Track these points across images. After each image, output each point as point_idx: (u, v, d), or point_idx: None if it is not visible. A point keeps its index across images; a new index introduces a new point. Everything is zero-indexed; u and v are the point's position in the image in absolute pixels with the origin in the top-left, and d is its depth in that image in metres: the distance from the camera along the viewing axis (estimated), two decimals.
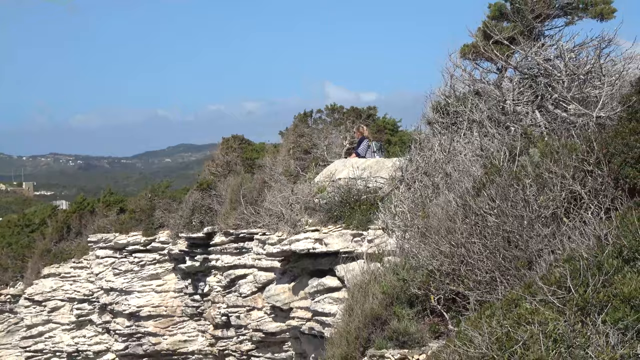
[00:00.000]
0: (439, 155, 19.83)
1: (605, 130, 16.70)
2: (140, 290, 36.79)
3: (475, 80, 20.95)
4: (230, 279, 31.35)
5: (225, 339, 32.43)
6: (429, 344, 15.13)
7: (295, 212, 26.09)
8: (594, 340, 11.03)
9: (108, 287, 37.78)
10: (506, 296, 13.24)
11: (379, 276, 18.07)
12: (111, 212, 41.60)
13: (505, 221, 15.34)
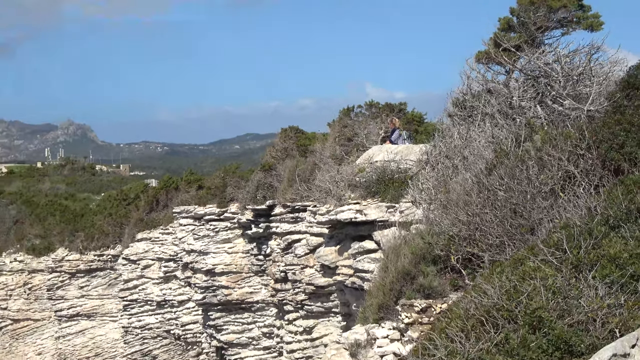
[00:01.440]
0: (457, 141, 19.77)
1: (594, 121, 16.62)
2: (215, 252, 36.90)
3: (487, 80, 20.88)
4: (287, 243, 31.38)
5: (283, 291, 32.47)
6: (449, 295, 15.12)
7: (340, 188, 26.09)
8: (586, 292, 10.97)
9: (189, 249, 37.93)
10: (513, 256, 13.20)
11: (408, 240, 18.03)
12: (191, 188, 41.80)
13: (512, 195, 15.31)
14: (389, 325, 16.52)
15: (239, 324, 37.19)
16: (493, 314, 11.08)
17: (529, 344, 10.26)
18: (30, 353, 45.35)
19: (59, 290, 44.20)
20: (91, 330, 43.84)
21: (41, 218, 46.62)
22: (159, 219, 42.03)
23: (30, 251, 45.13)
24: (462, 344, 10.79)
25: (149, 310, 41.64)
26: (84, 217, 45.81)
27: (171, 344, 41.72)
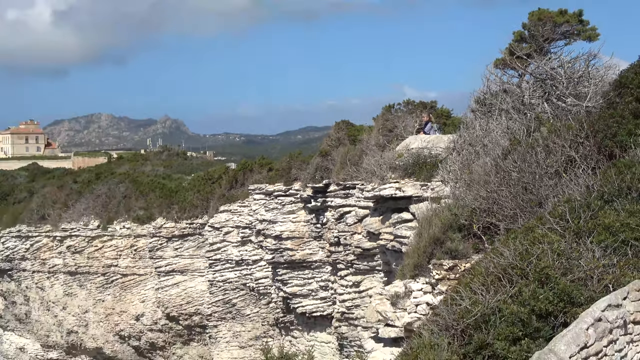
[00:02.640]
0: (479, 132, 19.60)
1: (591, 115, 16.47)
2: (281, 221, 36.96)
3: (503, 82, 20.69)
4: (340, 214, 31.32)
5: (336, 253, 32.46)
6: (472, 257, 15.00)
7: (383, 170, 26.01)
8: (585, 254, 10.90)
9: (261, 218, 37.99)
10: (524, 225, 13.11)
11: (438, 212, 17.91)
12: (263, 170, 41.86)
13: (523, 176, 15.22)
14: (423, 281, 16.49)
15: (301, 279, 37.27)
16: (508, 272, 11.01)
17: (538, 296, 10.18)
18: (135, 301, 45.87)
19: (158, 251, 44.66)
20: (183, 283, 44.27)
21: (144, 194, 47.13)
22: (237, 195, 42.16)
23: (135, 220, 45.66)
24: (483, 295, 10.73)
25: (229, 268, 41.89)
26: (177, 193, 46.19)
27: (247, 294, 41.96)
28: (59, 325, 48.64)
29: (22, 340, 51.98)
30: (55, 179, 55.41)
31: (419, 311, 16.22)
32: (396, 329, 17.08)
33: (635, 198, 12.28)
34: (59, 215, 48.58)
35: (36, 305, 49.92)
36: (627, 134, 14.51)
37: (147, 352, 46.18)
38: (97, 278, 46.78)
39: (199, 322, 43.91)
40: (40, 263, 48.97)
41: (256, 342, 42.26)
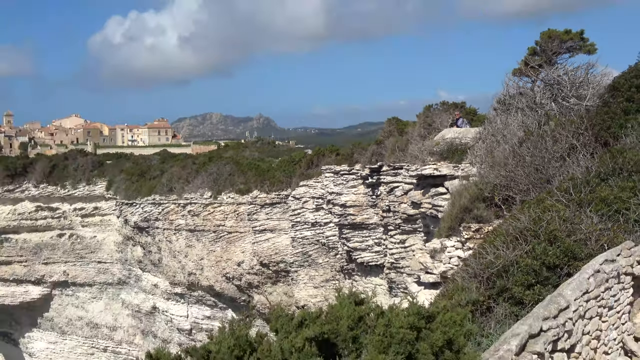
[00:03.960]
0: (499, 125, 19.14)
1: (590, 112, 16.02)
2: (346, 193, 36.81)
3: (519, 87, 20.23)
4: (390, 188, 31.00)
5: (387, 217, 32.23)
6: (493, 221, 14.74)
7: (424, 155, 25.74)
8: (585, 220, 10.60)
9: (330, 191, 37.86)
10: (536, 197, 12.84)
11: (467, 187, 17.63)
12: (332, 155, 41.69)
13: (535, 159, 14.94)
14: (455, 239, 16.26)
15: (360, 237, 37.15)
16: (524, 233, 10.72)
17: (548, 252, 9.89)
18: (237, 251, 46.28)
19: (254, 215, 44.97)
20: (272, 239, 44.53)
21: (244, 172, 47.48)
22: (312, 173, 42.13)
23: (237, 192, 46.03)
24: (503, 251, 10.45)
25: (306, 228, 41.97)
26: (268, 172, 46.39)
27: (319, 248, 42.02)
28: (182, 268, 49.52)
29: (156, 279, 53.14)
30: (179, 161, 56.19)
31: (451, 263, 16.02)
32: (434, 276, 16.89)
33: (625, 177, 12.17)
34: (182, 187, 49.40)
35: (166, 254, 50.89)
36: (619, 127, 14.44)
37: (246, 289, 46.72)
38: (210, 234, 47.41)
39: (284, 268, 44.22)
40: (168, 223, 49.87)
41: (326, 283, 42.42)
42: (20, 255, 58.73)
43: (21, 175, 60.14)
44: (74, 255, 58.05)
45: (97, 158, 63.92)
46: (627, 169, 12.20)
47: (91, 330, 59.16)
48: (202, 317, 50.76)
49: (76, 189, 58.33)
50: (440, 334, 6.38)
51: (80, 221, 58.58)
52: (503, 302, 9.67)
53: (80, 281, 58.32)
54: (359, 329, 6.50)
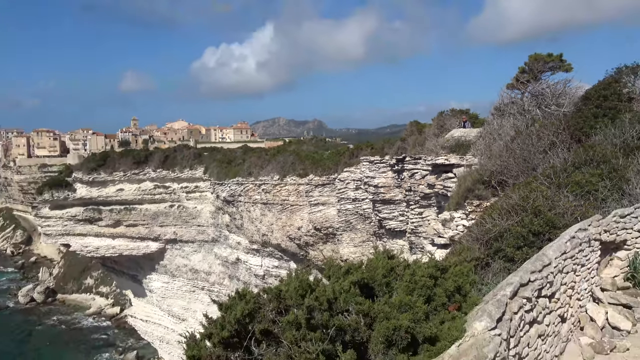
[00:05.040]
0: (495, 126, 18.59)
1: (566, 116, 15.37)
2: (377, 177, 36.37)
3: (511, 97, 19.58)
4: (412, 173, 30.52)
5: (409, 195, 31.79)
6: (490, 199, 14.31)
7: (437, 149, 25.21)
8: (563, 199, 10.18)
9: (366, 175, 37.52)
10: (525, 181, 12.37)
11: (470, 173, 17.18)
12: (367, 148, 41.21)
13: (523, 152, 14.36)
14: (461, 212, 15.91)
15: (389, 209, 36.79)
16: (515, 208, 10.40)
17: (533, 222, 9.59)
18: (297, 219, 46.43)
19: (310, 193, 44.98)
20: (323, 210, 44.46)
21: (302, 161, 47.43)
22: (353, 162, 41.77)
23: (298, 175, 46.06)
24: (499, 221, 10.17)
25: (348, 202, 41.78)
26: (321, 161, 46.24)
27: (358, 217, 41.79)
28: (258, 231, 50.00)
29: (239, 238, 53.79)
30: (256, 153, 56.55)
31: (458, 229, 15.72)
32: (444, 239, 16.61)
33: (595, 166, 11.74)
34: (258, 172, 49.71)
35: (246, 220, 51.46)
36: (590, 128, 13.92)
37: (303, 247, 46.94)
38: (277, 206, 47.69)
39: (332, 232, 44.20)
40: (248, 198, 50.34)
41: (363, 244, 42.25)
42: (143, 220, 60.21)
43: (143, 162, 61.50)
44: (180, 221, 59.24)
45: (197, 151, 64.88)
46: (596, 159, 11.73)
47: (192, 274, 60.41)
48: (272, 266, 51.35)
49: (182, 173, 59.38)
50: (452, 282, 6.27)
51: (185, 196, 59.64)
52: (498, 259, 9.47)
53: (185, 239, 59.51)
54: (391, 277, 6.43)
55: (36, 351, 72.17)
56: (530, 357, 6.28)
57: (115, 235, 60.60)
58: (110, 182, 61.03)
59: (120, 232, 60.59)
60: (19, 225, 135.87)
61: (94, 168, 61.18)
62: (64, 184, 61.12)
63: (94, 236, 60.81)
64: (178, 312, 62.46)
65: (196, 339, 6.39)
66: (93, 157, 65.97)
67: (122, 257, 61.65)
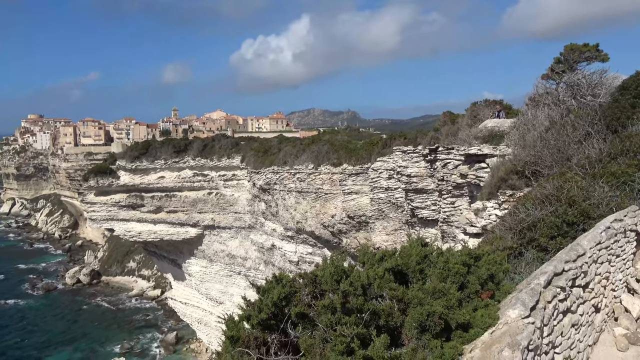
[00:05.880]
0: (530, 117, 18.16)
1: (602, 107, 14.87)
2: (410, 167, 36.12)
3: (546, 87, 19.02)
4: (444, 163, 30.15)
5: (441, 185, 31.52)
6: (524, 189, 14.04)
7: (470, 139, 24.78)
8: (598, 189, 9.92)
9: (399, 165, 37.26)
10: (559, 171, 12.07)
11: (504, 163, 16.88)
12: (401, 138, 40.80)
13: (557, 142, 13.98)
14: (493, 201, 15.67)
15: (421, 198, 36.48)
16: (549, 198, 10.20)
17: (568, 212, 9.39)
18: (331, 207, 46.55)
19: (344, 182, 44.95)
20: (357, 199, 44.40)
21: (336, 150, 47.33)
22: (386, 151, 41.42)
23: (332, 164, 46.01)
24: (532, 211, 9.99)
25: (381, 191, 41.59)
26: (354, 150, 46.04)
27: (391, 206, 41.58)
28: (292, 218, 50.35)
29: (274, 225, 54.25)
30: (291, 142, 56.79)
31: (490, 219, 15.49)
32: (477, 228, 16.39)
33: (631, 156, 11.41)
34: (293, 161, 49.87)
35: (281, 208, 51.84)
36: (627, 118, 13.43)
37: (337, 234, 47.06)
38: (312, 194, 47.86)
39: (365, 220, 44.14)
40: (283, 186, 50.65)
41: (395, 232, 42.08)
42: (183, 206, 61.34)
43: (183, 151, 62.49)
44: (218, 207, 60.12)
45: (235, 140, 65.57)
46: (633, 150, 11.38)
47: (230, 259, 61.36)
48: (306, 253, 51.69)
49: (220, 161, 60.14)
50: (485, 270, 6.23)
51: (223, 184, 60.43)
52: (531, 249, 9.32)
53: (222, 225, 60.39)
54: (424, 264, 6.44)
55: (84, 330, 74.91)
56: (564, 346, 6.21)
57: (156, 220, 62.01)
58: (152, 170, 62.37)
59: (161, 218, 61.93)
60: (66, 210, 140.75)
61: (136, 156, 62.61)
62: (108, 171, 62.80)
63: (136, 221, 62.38)
64: (216, 295, 63.68)
65: (235, 320, 6.56)
66: (135, 146, 67.48)
67: (163, 242, 63.09)
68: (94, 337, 72.43)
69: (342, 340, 5.28)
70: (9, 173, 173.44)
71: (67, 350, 68.30)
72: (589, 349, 7.25)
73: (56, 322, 77.85)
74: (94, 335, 73.07)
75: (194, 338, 70.53)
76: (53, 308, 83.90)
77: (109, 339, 71.71)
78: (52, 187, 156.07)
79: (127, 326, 76.27)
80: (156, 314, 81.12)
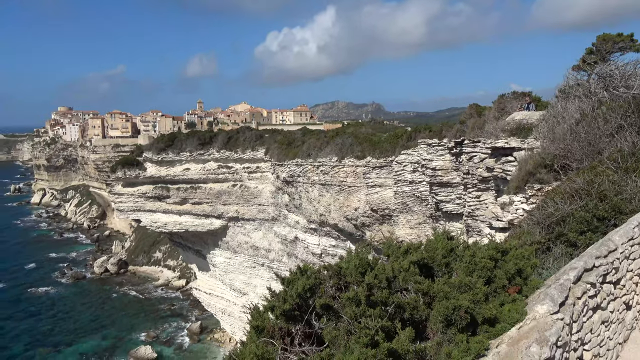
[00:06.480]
0: (559, 109, 17.74)
1: (636, 99, 14.41)
2: (435, 160, 35.75)
3: (577, 79, 18.53)
4: (470, 156, 29.70)
5: (467, 178, 31.10)
6: (552, 183, 13.73)
7: (497, 132, 24.37)
8: (630, 184, 9.63)
9: (423, 158, 36.93)
10: (589, 165, 11.76)
11: (532, 156, 16.55)
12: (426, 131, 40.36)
13: (589, 136, 13.60)
14: (520, 196, 15.41)
15: (446, 192, 36.12)
16: (579, 192, 9.96)
17: (598, 207, 9.15)
18: (355, 200, 46.45)
19: (367, 174, 44.78)
20: (380, 192, 44.22)
21: (360, 143, 47.14)
22: (411, 144, 41.06)
23: (355, 157, 45.86)
24: (561, 205, 9.77)
25: (405, 184, 41.31)
26: (378, 143, 45.76)
27: (414, 199, 41.30)
28: (316, 211, 50.45)
29: (297, 217, 54.45)
30: (315, 135, 56.76)
31: (517, 213, 15.25)
32: (503, 222, 16.16)
33: None
34: (317, 154, 49.90)
35: (304, 200, 51.98)
36: None
37: (360, 227, 47.01)
38: (335, 187, 47.84)
39: (388, 213, 43.95)
40: (306, 178, 50.75)
41: (419, 225, 41.80)
42: (207, 198, 62.00)
43: (208, 143, 63.09)
44: (242, 199, 60.60)
45: (259, 132, 65.86)
46: None
47: (253, 251, 61.87)
48: (329, 245, 51.80)
49: (244, 154, 60.54)
50: (513, 264, 6.13)
51: (247, 176, 60.86)
52: (560, 244, 9.13)
53: (246, 217, 60.88)
54: (450, 257, 6.36)
55: (111, 318, 76.63)
56: (593, 343, 6.08)
57: (181, 212, 62.84)
58: (178, 162, 63.14)
59: (186, 209, 62.73)
60: (94, 200, 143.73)
61: (162, 148, 63.46)
62: (135, 163, 63.81)
63: (162, 212, 63.32)
64: (239, 286, 64.34)
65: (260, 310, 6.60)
66: (162, 138, 68.38)
67: (188, 233, 63.93)
68: (121, 325, 74.01)
69: (366, 333, 5.26)
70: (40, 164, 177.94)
71: (96, 337, 69.97)
72: (618, 347, 7.08)
73: (85, 309, 79.81)
74: (121, 323, 74.66)
75: (218, 328, 71.47)
76: (82, 296, 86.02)
77: (135, 327, 73.18)
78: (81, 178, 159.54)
79: (153, 315, 77.71)
80: (181, 304, 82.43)
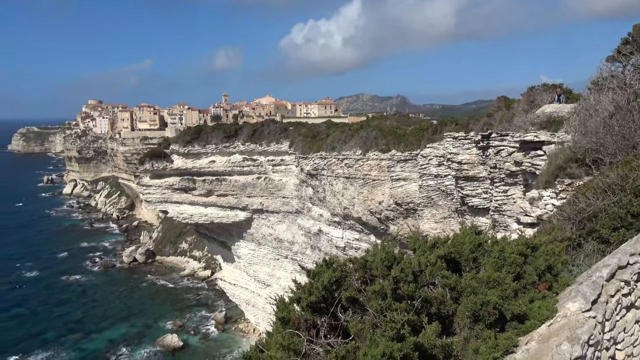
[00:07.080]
0: (592, 102, 17.25)
1: None
2: (461, 153, 35.25)
3: (611, 70, 17.95)
4: (497, 150, 29.20)
5: (494, 172, 30.61)
6: (584, 178, 13.38)
7: (526, 125, 23.90)
8: None
9: (449, 152, 36.48)
10: (624, 159, 11.39)
11: (562, 150, 16.14)
12: (452, 124, 39.83)
13: (623, 129, 13.19)
14: (550, 190, 15.05)
15: (472, 186, 35.63)
16: (612, 187, 9.67)
17: (633, 203, 8.86)
18: (379, 194, 46.22)
19: (392, 168, 44.48)
20: (405, 185, 43.90)
21: (385, 136, 46.80)
22: (436, 138, 40.59)
23: (380, 150, 45.58)
24: (593, 200, 9.50)
25: (430, 178, 40.91)
26: (403, 136, 45.38)
27: (440, 193, 40.84)
28: (339, 204, 50.39)
29: (321, 210, 54.48)
30: (339, 128, 56.57)
31: (546, 209, 14.91)
32: (531, 218, 15.83)
33: None
34: (341, 147, 49.77)
35: (328, 193, 51.95)
36: None
37: (384, 221, 46.78)
38: (359, 181, 47.67)
39: (413, 207, 43.60)
40: (330, 172, 50.69)
41: (444, 220, 41.38)
42: (232, 190, 62.51)
43: (233, 136, 63.53)
44: (267, 192, 60.91)
45: (283, 125, 65.97)
46: None
47: (277, 243, 62.20)
48: (352, 239, 51.73)
49: (269, 146, 60.78)
50: (543, 260, 5.99)
51: (272, 169, 61.10)
52: (592, 240, 8.88)
53: (270, 209, 61.18)
54: (478, 252, 6.25)
55: (140, 306, 78.23)
56: (626, 342, 5.90)
57: (207, 204, 63.52)
58: (204, 155, 63.77)
59: (212, 201, 63.37)
60: (123, 192, 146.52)
61: (189, 141, 64.16)
62: (163, 155, 64.70)
63: (188, 204, 64.12)
64: (263, 278, 64.83)
65: (286, 302, 6.60)
66: (188, 131, 69.12)
67: (213, 225, 64.61)
68: (149, 313, 75.47)
69: (392, 326, 5.20)
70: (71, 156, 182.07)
71: (124, 325, 71.53)
72: None
73: (114, 298, 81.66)
74: (149, 311, 76.13)
75: (242, 318, 72.24)
76: (111, 285, 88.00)
77: (162, 315, 74.52)
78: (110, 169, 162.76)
79: (179, 304, 79.02)
80: (206, 294, 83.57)
